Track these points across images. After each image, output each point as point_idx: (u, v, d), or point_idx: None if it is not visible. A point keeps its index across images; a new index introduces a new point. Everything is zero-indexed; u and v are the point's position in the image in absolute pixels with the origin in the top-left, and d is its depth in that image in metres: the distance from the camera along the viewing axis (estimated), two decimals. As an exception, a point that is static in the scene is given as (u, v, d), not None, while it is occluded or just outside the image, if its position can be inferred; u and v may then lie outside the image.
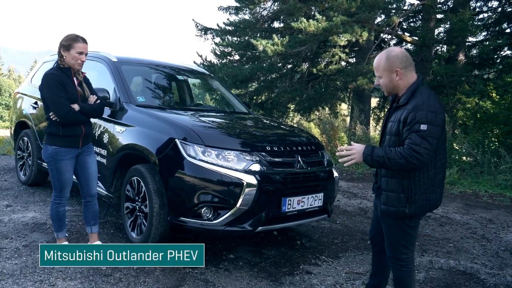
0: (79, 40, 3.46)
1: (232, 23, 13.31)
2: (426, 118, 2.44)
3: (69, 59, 3.45)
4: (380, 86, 2.73)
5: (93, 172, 3.75)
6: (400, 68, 2.61)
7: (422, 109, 2.45)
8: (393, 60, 2.61)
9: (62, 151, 3.51)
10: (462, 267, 4.20)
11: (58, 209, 3.65)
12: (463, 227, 5.65)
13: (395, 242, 2.75)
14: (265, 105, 13.61)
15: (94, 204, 3.80)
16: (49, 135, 3.53)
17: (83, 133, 3.58)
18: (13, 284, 3.15)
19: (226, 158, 3.61)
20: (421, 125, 2.43)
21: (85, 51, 3.49)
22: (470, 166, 9.24)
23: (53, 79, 3.41)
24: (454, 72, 11.46)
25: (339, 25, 9.99)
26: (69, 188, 3.64)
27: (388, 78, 2.65)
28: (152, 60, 5.66)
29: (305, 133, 4.90)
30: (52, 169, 3.56)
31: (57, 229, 3.71)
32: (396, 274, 2.80)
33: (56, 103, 3.40)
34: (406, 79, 2.63)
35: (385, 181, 2.67)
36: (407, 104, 2.55)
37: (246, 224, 3.59)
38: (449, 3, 13.34)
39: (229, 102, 5.94)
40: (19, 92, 6.59)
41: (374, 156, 2.56)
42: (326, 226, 5.27)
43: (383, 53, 2.69)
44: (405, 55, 2.65)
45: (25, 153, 6.03)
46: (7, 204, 5.17)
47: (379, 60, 2.68)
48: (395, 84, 2.65)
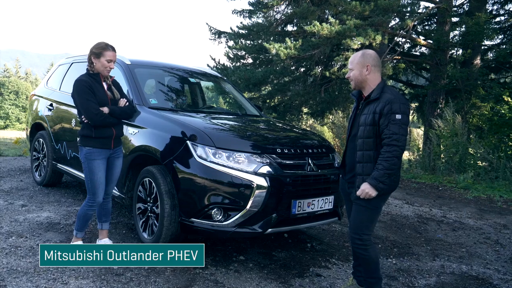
0: (109, 48, 3.65)
1: (246, 27, 13.35)
2: (400, 109, 2.90)
3: (98, 66, 3.63)
4: (350, 78, 3.14)
5: (116, 174, 3.90)
6: (370, 65, 3.05)
7: (396, 102, 2.91)
8: (367, 57, 3.07)
9: (95, 152, 3.65)
10: (475, 272, 4.15)
11: (88, 212, 3.75)
12: (476, 232, 5.58)
13: (362, 222, 3.08)
14: (278, 108, 13.60)
15: (108, 202, 3.93)
16: (83, 137, 3.68)
17: (114, 135, 3.73)
18: (27, 281, 3.21)
19: (236, 160, 3.63)
20: (396, 115, 2.88)
21: (113, 59, 3.68)
22: (485, 171, 9.12)
23: (82, 85, 3.59)
24: (469, 76, 11.33)
25: (352, 29, 9.95)
26: (102, 190, 3.73)
27: (359, 71, 3.07)
28: (166, 63, 5.72)
29: (316, 136, 4.90)
30: (85, 169, 3.70)
31: (78, 228, 3.81)
32: (362, 254, 3.10)
33: (85, 106, 3.57)
34: (373, 76, 3.07)
35: (361, 166, 3.03)
36: (380, 98, 2.97)
37: (256, 226, 3.61)
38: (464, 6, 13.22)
39: (241, 105, 5.97)
40: (35, 94, 6.71)
41: (379, 179, 2.91)
42: (337, 229, 5.25)
43: (359, 52, 3.15)
44: (377, 56, 3.13)
45: (41, 154, 6.13)
46: (22, 203, 5.26)
47: (355, 56, 3.13)
48: (363, 77, 3.07)
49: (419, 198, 7.55)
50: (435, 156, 10.28)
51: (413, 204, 7.01)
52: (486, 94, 11.21)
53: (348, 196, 3.30)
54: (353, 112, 3.25)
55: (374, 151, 2.98)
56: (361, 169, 3.03)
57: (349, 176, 3.21)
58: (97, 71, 3.66)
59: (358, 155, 3.04)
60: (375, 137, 2.97)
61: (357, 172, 3.06)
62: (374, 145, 2.98)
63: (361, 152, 3.03)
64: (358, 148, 3.04)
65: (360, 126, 3.05)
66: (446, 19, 11.90)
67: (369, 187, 2.93)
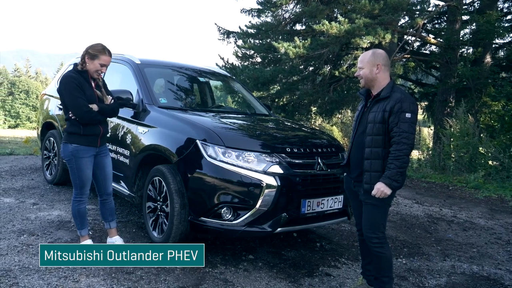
0: (105, 52, 3.62)
1: (254, 26, 13.34)
2: (409, 108, 2.95)
3: (91, 67, 3.61)
4: (360, 76, 3.17)
5: (109, 172, 3.91)
6: (381, 64, 3.09)
7: (406, 101, 2.96)
8: (377, 56, 3.11)
9: (82, 149, 3.64)
10: (486, 273, 4.12)
11: (79, 207, 3.77)
12: (487, 232, 5.53)
13: (376, 221, 3.10)
14: (287, 107, 13.59)
15: (110, 202, 3.96)
16: (70, 134, 3.65)
17: (101, 133, 3.73)
18: (38, 279, 3.25)
19: (246, 159, 3.64)
20: (406, 113, 2.93)
21: (107, 64, 3.66)
22: (496, 171, 9.04)
23: (71, 81, 3.56)
24: (480, 75, 11.22)
25: (361, 27, 9.90)
26: (88, 186, 3.75)
27: (369, 69, 3.11)
28: (175, 63, 5.74)
29: (325, 135, 4.89)
30: (72, 167, 3.68)
31: (79, 226, 3.82)
32: (379, 252, 3.11)
33: (74, 104, 3.54)
34: (383, 75, 3.10)
35: (369, 163, 3.05)
36: (390, 97, 3.02)
37: (265, 225, 3.61)
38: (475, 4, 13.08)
39: (250, 104, 5.97)
40: (45, 93, 6.77)
41: (393, 178, 2.94)
42: (346, 228, 5.24)
43: (370, 51, 3.18)
44: (387, 56, 3.17)
45: (51, 153, 6.19)
46: (33, 202, 5.31)
47: (365, 55, 3.16)
48: (373, 76, 3.11)
49: (429, 198, 7.50)
50: (445, 156, 10.20)
51: (423, 204, 6.97)
52: (497, 93, 11.10)
53: (354, 195, 3.31)
54: (360, 110, 3.28)
55: (383, 149, 3.02)
56: (369, 165, 3.06)
57: (355, 174, 3.23)
58: (87, 70, 3.63)
59: (366, 151, 3.07)
60: (384, 135, 3.01)
61: (364, 168, 3.08)
62: (382, 143, 3.02)
63: (369, 149, 3.06)
64: (366, 145, 3.07)
65: (369, 123, 3.08)
66: (456, 17, 11.79)
67: (384, 186, 2.95)
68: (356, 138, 3.23)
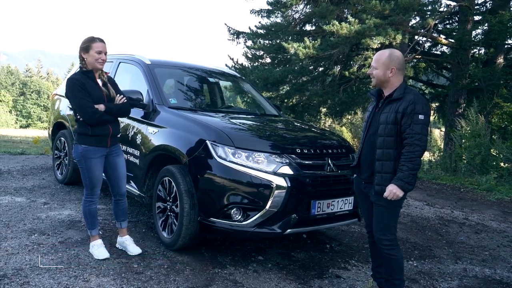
0: (96, 40, 3.60)
1: (264, 26, 13.33)
2: (422, 109, 2.93)
3: (90, 60, 3.58)
4: (372, 75, 3.13)
5: (122, 172, 3.89)
6: (396, 68, 3.04)
7: (419, 102, 2.93)
8: (393, 59, 3.05)
9: (92, 150, 3.63)
10: (498, 276, 4.06)
11: (90, 207, 3.77)
12: (500, 235, 5.46)
13: (386, 223, 3.08)
14: (296, 108, 13.54)
15: (124, 202, 3.95)
16: (79, 134, 3.66)
17: (110, 133, 3.70)
18: (49, 278, 3.26)
19: (256, 160, 3.62)
20: (419, 115, 2.91)
21: (103, 50, 3.61)
22: (508, 173, 8.92)
23: (73, 83, 3.56)
24: (492, 76, 11.10)
25: (372, 28, 9.84)
26: (99, 186, 3.76)
27: (383, 71, 3.06)
28: (185, 63, 5.75)
29: (336, 136, 4.86)
30: (82, 167, 3.69)
31: (90, 226, 3.83)
32: (390, 254, 3.09)
33: (79, 105, 3.54)
34: (396, 78, 3.07)
35: (380, 164, 3.02)
36: (403, 98, 2.99)
37: (275, 226, 3.59)
38: (487, 4, 12.94)
39: (260, 104, 5.96)
40: (56, 94, 6.81)
41: (405, 180, 2.91)
42: (356, 230, 5.20)
43: (387, 50, 3.12)
44: (403, 59, 3.13)
45: (62, 153, 6.23)
46: (44, 201, 5.35)
47: (381, 55, 3.09)
48: (386, 78, 3.07)
49: (440, 200, 7.43)
50: (456, 157, 10.10)
51: (434, 206, 6.90)
52: (509, 94, 10.97)
53: (364, 196, 3.28)
54: (371, 110, 3.24)
55: (395, 150, 2.99)
56: (380, 166, 3.02)
57: (366, 175, 3.20)
58: (90, 66, 3.60)
59: (378, 153, 3.04)
60: (396, 136, 2.98)
61: (375, 170, 3.05)
62: (394, 144, 2.98)
63: (380, 150, 3.02)
64: (378, 146, 3.03)
65: (381, 124, 3.05)
66: (468, 17, 11.67)
67: (396, 188, 2.92)
68: (367, 139, 3.20)
